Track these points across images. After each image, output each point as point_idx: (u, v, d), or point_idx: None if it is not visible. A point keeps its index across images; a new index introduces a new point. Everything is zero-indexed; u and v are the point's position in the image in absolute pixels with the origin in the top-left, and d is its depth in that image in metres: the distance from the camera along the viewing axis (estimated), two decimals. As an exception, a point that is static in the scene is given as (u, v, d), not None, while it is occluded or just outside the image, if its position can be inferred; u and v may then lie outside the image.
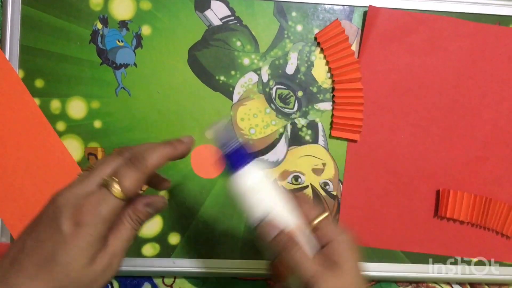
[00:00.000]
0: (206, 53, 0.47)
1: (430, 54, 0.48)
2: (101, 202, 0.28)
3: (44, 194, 0.46)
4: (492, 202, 0.48)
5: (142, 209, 0.31)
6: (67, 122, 0.47)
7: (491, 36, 0.48)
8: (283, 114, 0.48)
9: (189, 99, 0.47)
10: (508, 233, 0.49)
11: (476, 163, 0.49)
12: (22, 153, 0.46)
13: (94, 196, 0.28)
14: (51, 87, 0.47)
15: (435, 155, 0.48)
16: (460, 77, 0.48)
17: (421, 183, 0.49)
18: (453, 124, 0.48)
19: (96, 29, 0.47)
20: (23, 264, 0.27)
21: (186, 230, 0.48)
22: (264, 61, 0.48)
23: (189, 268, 0.48)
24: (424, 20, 0.47)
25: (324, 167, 0.49)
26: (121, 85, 0.47)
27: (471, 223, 0.49)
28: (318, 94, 0.48)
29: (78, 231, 0.27)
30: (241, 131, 0.48)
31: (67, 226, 0.27)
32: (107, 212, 0.28)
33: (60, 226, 0.27)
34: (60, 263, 0.27)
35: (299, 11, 0.48)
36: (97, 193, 0.28)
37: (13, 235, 0.46)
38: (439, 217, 0.49)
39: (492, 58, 0.48)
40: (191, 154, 0.48)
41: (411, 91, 0.48)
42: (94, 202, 0.28)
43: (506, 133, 0.49)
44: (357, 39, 0.48)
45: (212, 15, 0.47)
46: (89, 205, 0.28)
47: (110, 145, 0.47)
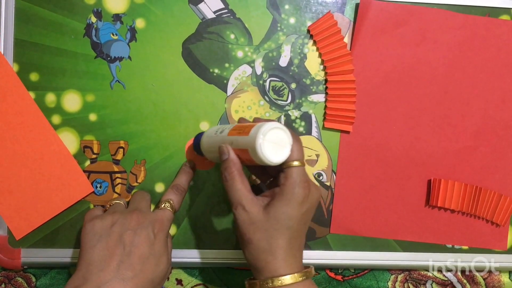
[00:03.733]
0: (200, 46, 0.48)
1: (421, 46, 0.48)
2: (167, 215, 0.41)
3: (40, 187, 0.46)
4: (482, 190, 0.49)
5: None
6: (62, 116, 0.47)
7: (481, 27, 0.49)
8: (276, 106, 0.49)
9: (183, 92, 0.48)
10: (498, 221, 0.50)
11: (466, 153, 0.50)
12: (17, 147, 0.46)
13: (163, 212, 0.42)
14: (46, 81, 0.47)
15: (426, 145, 0.49)
16: (450, 68, 0.49)
17: (412, 172, 0.49)
18: (443, 114, 0.49)
19: (90, 23, 0.47)
20: (128, 262, 0.37)
21: (182, 221, 0.48)
22: (257, 54, 0.48)
23: (185, 258, 0.48)
24: (415, 12, 0.48)
25: (318, 158, 0.49)
26: (115, 78, 0.47)
27: (462, 212, 0.50)
28: (311, 86, 0.49)
29: (160, 235, 0.40)
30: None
31: (155, 231, 0.39)
32: (171, 220, 0.42)
33: (150, 232, 0.39)
34: (156, 255, 0.38)
35: (291, 4, 0.48)
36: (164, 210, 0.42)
37: (9, 228, 0.47)
38: (431, 206, 0.50)
39: (482, 49, 0.49)
40: (185, 146, 0.48)
41: (402, 82, 0.49)
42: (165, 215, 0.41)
43: (496, 122, 0.50)
44: (349, 31, 0.49)
45: (205, 8, 0.47)
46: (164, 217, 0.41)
47: (106, 137, 0.47)
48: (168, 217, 0.41)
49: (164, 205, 0.42)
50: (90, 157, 0.48)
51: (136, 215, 0.40)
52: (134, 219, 0.39)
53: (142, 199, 0.44)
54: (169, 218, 0.41)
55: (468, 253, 0.51)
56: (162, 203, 0.43)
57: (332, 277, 0.51)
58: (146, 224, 0.39)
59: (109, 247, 0.37)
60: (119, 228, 0.39)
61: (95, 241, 0.38)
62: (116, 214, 0.40)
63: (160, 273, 0.39)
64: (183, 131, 0.48)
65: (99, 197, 0.48)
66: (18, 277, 0.49)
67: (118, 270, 0.36)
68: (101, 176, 0.48)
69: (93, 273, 0.36)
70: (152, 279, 0.37)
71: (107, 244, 0.38)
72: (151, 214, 0.41)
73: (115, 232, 0.38)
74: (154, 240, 0.39)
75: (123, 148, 0.48)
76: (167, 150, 0.48)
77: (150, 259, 0.38)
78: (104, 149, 0.48)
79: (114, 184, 0.48)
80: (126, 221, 0.39)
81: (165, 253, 0.40)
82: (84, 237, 0.39)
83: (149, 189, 0.48)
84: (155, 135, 0.48)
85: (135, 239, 0.38)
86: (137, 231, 0.38)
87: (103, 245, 0.38)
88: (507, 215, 0.50)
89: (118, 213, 0.40)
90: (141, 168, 0.48)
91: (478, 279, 0.52)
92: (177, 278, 0.50)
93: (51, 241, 0.47)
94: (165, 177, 0.48)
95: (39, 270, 0.49)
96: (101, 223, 0.39)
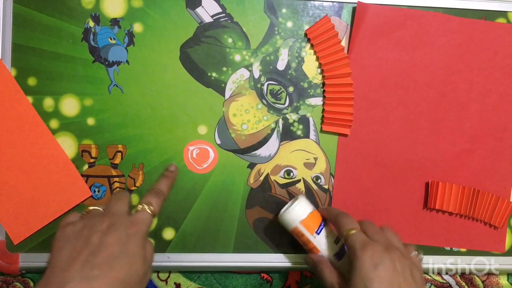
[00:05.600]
0: (197, 50, 0.48)
1: (418, 49, 0.49)
2: (145, 217, 0.40)
3: (38, 191, 0.46)
4: (480, 193, 0.49)
5: None
6: (60, 120, 0.47)
7: (477, 30, 0.49)
8: (274, 110, 0.49)
9: (181, 96, 0.48)
10: (496, 224, 0.50)
11: (464, 155, 0.50)
12: (15, 151, 0.46)
13: (141, 214, 0.40)
14: (44, 85, 0.47)
15: (424, 148, 0.49)
16: (447, 71, 0.49)
17: (410, 175, 0.50)
18: (441, 117, 0.49)
19: (88, 27, 0.47)
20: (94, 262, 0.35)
21: (180, 225, 0.48)
22: (255, 57, 0.48)
23: (183, 262, 0.48)
24: (412, 15, 0.48)
25: (316, 161, 0.49)
26: (113, 82, 0.47)
27: (460, 214, 0.50)
28: (309, 89, 0.49)
29: (135, 235, 0.38)
30: (234, 126, 0.48)
31: (128, 232, 0.38)
32: (149, 223, 0.40)
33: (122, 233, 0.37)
34: (129, 255, 0.36)
35: (289, 8, 0.48)
36: (141, 212, 0.40)
37: (8, 232, 0.46)
38: (429, 209, 0.50)
39: (479, 52, 0.49)
40: (183, 150, 0.48)
41: (399, 85, 0.49)
42: (141, 217, 0.40)
43: (493, 125, 0.50)
44: (346, 35, 0.49)
45: (203, 12, 0.48)
46: (139, 219, 0.40)
47: (104, 142, 0.47)
48: (145, 219, 0.40)
49: (142, 207, 0.41)
50: (88, 161, 0.48)
51: (108, 217, 0.39)
52: (106, 221, 0.38)
53: (119, 200, 0.42)
54: (146, 220, 0.40)
55: (467, 255, 0.51)
56: (140, 206, 0.41)
57: (331, 280, 0.51)
58: (118, 226, 0.38)
59: (76, 249, 0.36)
60: (89, 231, 0.37)
61: (63, 245, 0.37)
62: (89, 218, 0.39)
63: (135, 274, 0.37)
64: (181, 134, 0.48)
65: (97, 201, 0.47)
66: (16, 281, 0.49)
67: (83, 269, 0.34)
68: (99, 180, 0.48)
69: (56, 274, 0.34)
70: (125, 279, 0.35)
71: (74, 246, 0.36)
72: (125, 216, 0.39)
73: (83, 235, 0.37)
74: (127, 240, 0.37)
75: (121, 152, 0.48)
76: (165, 154, 0.48)
77: (121, 259, 0.36)
78: (102, 153, 0.48)
79: (112, 188, 0.48)
80: (96, 224, 0.38)
81: (140, 254, 0.38)
82: (54, 242, 0.38)
83: (147, 193, 0.48)
84: (153, 139, 0.48)
85: (105, 239, 0.36)
86: (107, 232, 0.37)
87: (70, 248, 0.36)
88: (505, 218, 0.50)
89: (91, 217, 0.39)
90: (139, 172, 0.48)
91: (476, 281, 0.52)
92: (176, 282, 0.50)
93: (49, 246, 0.47)
94: (163, 181, 0.48)
95: (37, 274, 0.49)
96: (72, 228, 0.38)
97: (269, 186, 0.49)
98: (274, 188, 0.49)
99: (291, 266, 0.49)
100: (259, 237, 0.49)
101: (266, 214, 0.49)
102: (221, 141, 0.48)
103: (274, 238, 0.49)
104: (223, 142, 0.49)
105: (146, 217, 0.40)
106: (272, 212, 0.49)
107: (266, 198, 0.49)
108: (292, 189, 0.49)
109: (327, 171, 0.49)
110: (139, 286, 0.38)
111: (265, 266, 0.49)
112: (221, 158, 0.49)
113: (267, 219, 0.49)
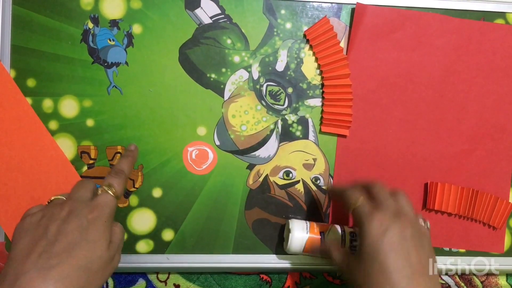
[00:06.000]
0: (197, 51, 0.48)
1: (416, 50, 0.49)
2: (107, 200, 0.39)
3: (38, 193, 0.46)
4: (479, 194, 0.49)
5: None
6: (60, 121, 0.47)
7: (475, 31, 0.49)
8: (273, 111, 0.49)
9: (180, 97, 0.48)
10: (495, 224, 0.50)
11: (462, 156, 0.50)
12: (15, 152, 0.46)
13: (101, 196, 0.39)
14: (43, 87, 0.47)
15: (423, 148, 0.50)
16: (446, 72, 0.49)
17: (409, 176, 0.50)
18: (439, 118, 0.49)
19: (87, 28, 0.47)
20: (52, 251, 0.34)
21: (179, 226, 0.48)
22: (254, 59, 0.48)
23: (183, 263, 0.48)
24: (410, 16, 0.48)
25: (315, 162, 0.49)
26: (113, 83, 0.47)
27: (459, 215, 0.50)
28: (308, 90, 0.49)
29: (96, 220, 0.37)
30: (233, 127, 0.49)
31: (89, 217, 0.37)
32: (112, 205, 0.39)
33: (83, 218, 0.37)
34: (89, 241, 0.36)
35: (288, 9, 0.48)
36: (102, 195, 0.39)
37: (7, 234, 0.46)
38: (427, 210, 0.50)
39: (477, 53, 0.49)
40: (183, 151, 0.48)
41: (398, 86, 0.49)
42: (102, 200, 0.39)
43: (491, 126, 0.50)
44: (345, 36, 0.49)
45: (202, 13, 0.48)
46: (100, 202, 0.39)
47: (103, 143, 0.48)
48: (108, 202, 0.39)
49: (103, 189, 0.39)
50: (88, 162, 0.48)
51: (68, 204, 0.38)
52: (66, 209, 0.37)
53: (81, 187, 0.41)
54: (108, 203, 0.39)
55: (467, 256, 0.51)
56: (100, 189, 0.40)
57: (330, 281, 0.51)
58: (78, 212, 0.37)
59: (33, 240, 0.35)
60: (47, 220, 0.37)
61: (21, 237, 0.36)
62: (49, 208, 0.38)
63: (97, 260, 0.36)
64: (180, 136, 0.48)
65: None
66: (15, 283, 0.49)
67: (38, 260, 0.34)
68: (99, 181, 0.48)
69: (13, 267, 0.34)
70: (86, 265, 0.35)
71: (32, 238, 0.36)
72: (86, 202, 0.39)
73: (41, 226, 0.36)
74: (88, 226, 0.36)
75: (120, 153, 0.48)
76: (164, 155, 0.48)
77: (81, 245, 0.35)
78: (102, 155, 0.48)
79: (112, 190, 0.48)
80: (55, 213, 0.37)
81: (103, 239, 0.37)
82: (13, 235, 0.37)
83: (146, 194, 0.48)
84: (153, 140, 0.48)
85: (64, 227, 0.36)
86: (66, 219, 0.36)
87: (27, 239, 0.36)
88: (504, 218, 0.50)
89: (51, 207, 0.38)
90: (138, 173, 0.48)
91: (475, 282, 0.52)
92: (175, 283, 0.50)
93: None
94: (162, 182, 0.48)
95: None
96: (30, 219, 0.38)
97: (268, 187, 0.49)
98: (273, 189, 0.49)
99: (290, 267, 0.49)
100: (258, 238, 0.49)
101: (265, 215, 0.49)
102: (220, 142, 0.49)
103: (273, 239, 0.49)
104: (222, 143, 0.49)
105: (108, 199, 0.39)
106: (271, 213, 0.49)
107: (265, 199, 0.49)
108: (291, 190, 0.49)
109: (326, 172, 0.50)
110: (105, 271, 0.37)
111: (264, 267, 0.49)
112: (220, 159, 0.49)
113: (266, 220, 0.49)
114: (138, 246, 0.48)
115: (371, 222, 0.37)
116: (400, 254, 0.36)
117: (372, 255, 0.36)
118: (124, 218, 0.48)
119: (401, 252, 0.36)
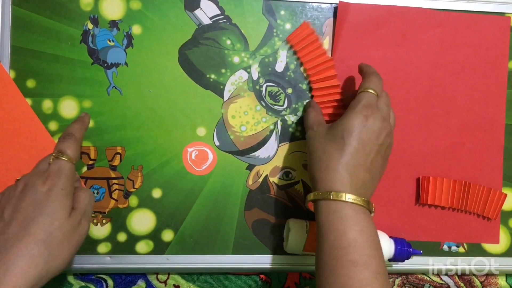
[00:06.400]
0: (196, 52, 0.48)
1: (402, 45, 0.49)
2: (59, 166, 0.38)
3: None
4: (471, 186, 0.49)
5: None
6: (59, 122, 0.47)
7: (460, 23, 0.49)
8: (273, 111, 0.49)
9: (180, 98, 0.48)
10: (489, 215, 0.50)
11: (453, 149, 0.50)
12: (14, 153, 0.46)
13: (53, 164, 0.38)
14: (43, 87, 0.47)
15: (414, 144, 0.49)
16: (433, 66, 0.49)
17: (401, 172, 0.50)
18: (429, 113, 0.49)
19: (87, 29, 0.47)
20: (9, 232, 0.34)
21: (179, 226, 0.48)
22: (254, 59, 0.48)
23: (182, 264, 0.48)
24: (394, 12, 0.48)
25: (314, 163, 0.49)
26: (112, 84, 0.48)
27: (453, 208, 0.50)
28: (307, 91, 0.49)
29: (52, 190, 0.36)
30: (233, 128, 0.49)
31: (43, 189, 0.36)
32: (67, 171, 0.38)
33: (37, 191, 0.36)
34: (45, 214, 0.35)
35: (287, 10, 0.48)
36: (53, 163, 0.38)
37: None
38: (421, 204, 0.50)
39: (463, 45, 0.49)
40: (182, 152, 0.48)
41: (386, 82, 0.48)
42: (55, 168, 0.38)
43: (480, 118, 0.50)
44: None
45: (202, 14, 0.48)
46: (52, 171, 0.38)
47: (103, 143, 0.48)
48: (61, 169, 0.38)
49: (54, 156, 0.39)
50: (87, 163, 0.48)
51: (23, 180, 0.38)
52: (20, 186, 0.37)
53: (42, 161, 0.40)
54: (62, 169, 0.38)
55: (467, 256, 0.51)
56: (51, 157, 0.39)
57: (330, 282, 0.51)
58: (31, 186, 0.36)
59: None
60: (4, 202, 0.37)
61: None
62: (6, 189, 0.38)
63: (58, 231, 0.35)
64: (180, 136, 0.48)
65: (96, 203, 0.48)
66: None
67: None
68: (98, 182, 0.48)
69: None
70: (46, 239, 0.34)
71: None
72: (39, 173, 0.38)
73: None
74: (44, 198, 0.36)
75: (120, 154, 0.48)
76: (164, 156, 0.48)
77: (38, 219, 0.35)
78: (101, 155, 0.48)
79: (111, 190, 0.48)
80: (11, 193, 0.37)
81: (62, 208, 0.36)
82: None
83: (146, 195, 0.48)
84: (152, 141, 0.48)
85: (17, 205, 0.35)
86: (21, 196, 0.36)
87: None
88: (498, 209, 0.50)
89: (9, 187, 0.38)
90: (138, 174, 0.48)
91: (475, 282, 0.52)
92: (175, 284, 0.50)
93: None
94: (162, 182, 0.48)
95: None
96: None
97: (267, 187, 0.49)
98: (273, 190, 0.49)
99: (290, 268, 0.49)
100: (258, 238, 0.49)
101: (265, 215, 0.49)
102: (220, 143, 0.49)
103: (273, 239, 0.49)
104: (222, 143, 0.49)
105: (61, 165, 0.38)
106: (271, 214, 0.49)
107: (265, 199, 0.49)
108: (291, 191, 0.49)
109: (325, 172, 0.49)
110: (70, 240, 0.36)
111: (264, 268, 0.49)
112: (220, 159, 0.49)
113: (266, 221, 0.49)
114: (138, 246, 0.48)
115: (362, 110, 0.39)
116: (362, 145, 0.38)
117: (342, 133, 0.38)
118: (124, 218, 0.48)
119: (365, 142, 0.38)
